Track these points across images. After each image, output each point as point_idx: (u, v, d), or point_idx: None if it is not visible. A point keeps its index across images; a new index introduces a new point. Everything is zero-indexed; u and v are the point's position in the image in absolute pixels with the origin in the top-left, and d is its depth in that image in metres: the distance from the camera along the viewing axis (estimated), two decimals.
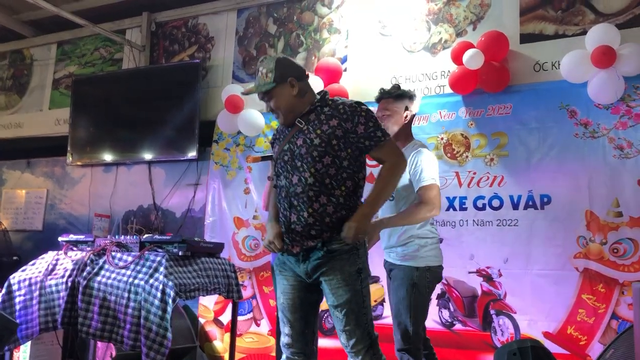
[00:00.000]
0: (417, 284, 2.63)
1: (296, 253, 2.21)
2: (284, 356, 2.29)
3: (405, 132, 2.87)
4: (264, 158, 3.10)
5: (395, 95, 2.85)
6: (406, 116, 2.84)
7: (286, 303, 2.26)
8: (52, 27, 5.88)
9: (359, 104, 2.25)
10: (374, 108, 2.59)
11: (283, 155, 2.27)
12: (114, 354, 3.76)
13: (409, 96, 2.87)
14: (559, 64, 3.61)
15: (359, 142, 2.20)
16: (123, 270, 3.14)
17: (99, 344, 3.79)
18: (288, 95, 2.24)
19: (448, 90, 3.93)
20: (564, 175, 3.54)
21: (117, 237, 3.38)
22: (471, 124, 3.85)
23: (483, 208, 3.72)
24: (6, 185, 5.97)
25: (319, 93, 2.35)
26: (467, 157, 3.82)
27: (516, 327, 3.51)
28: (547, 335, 3.42)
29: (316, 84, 4.14)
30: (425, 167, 2.68)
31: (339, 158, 2.18)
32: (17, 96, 6.11)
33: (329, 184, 2.16)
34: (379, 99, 2.88)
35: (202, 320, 4.55)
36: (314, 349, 2.29)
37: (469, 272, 3.69)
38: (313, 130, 2.21)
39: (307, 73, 2.38)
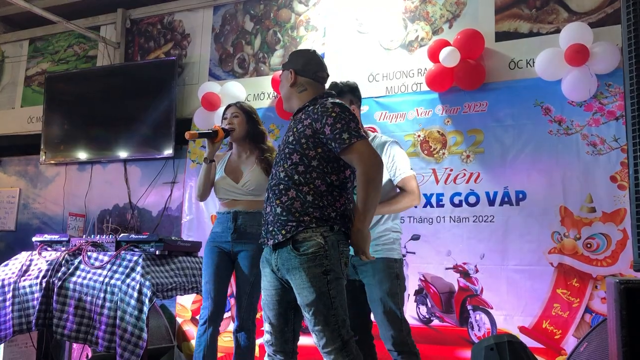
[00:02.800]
0: (399, 274, 2.64)
1: (269, 245, 2.22)
2: (266, 354, 2.28)
3: None
4: (201, 135, 2.99)
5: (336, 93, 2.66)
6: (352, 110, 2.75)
7: (265, 300, 2.27)
8: (24, 24, 5.78)
9: (335, 105, 2.21)
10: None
11: (277, 148, 2.38)
12: (89, 355, 3.72)
13: (349, 90, 2.78)
14: (533, 62, 3.65)
15: (328, 144, 2.18)
16: (99, 271, 3.10)
17: (75, 345, 3.74)
18: (285, 83, 2.39)
19: (425, 87, 3.96)
20: (539, 172, 3.59)
21: (92, 236, 3.34)
22: (447, 121, 3.88)
23: (459, 205, 3.75)
24: None
25: (322, 93, 2.36)
26: (443, 154, 3.86)
27: (493, 322, 3.55)
28: (522, 329, 3.47)
29: None
30: (402, 158, 2.70)
31: (307, 157, 2.18)
32: None
33: (297, 180, 2.17)
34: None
35: (179, 320, 4.52)
36: (295, 348, 2.27)
37: (446, 268, 3.72)
38: (293, 128, 2.28)
39: (318, 74, 2.39)
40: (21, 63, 5.87)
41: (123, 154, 4.97)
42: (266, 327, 2.26)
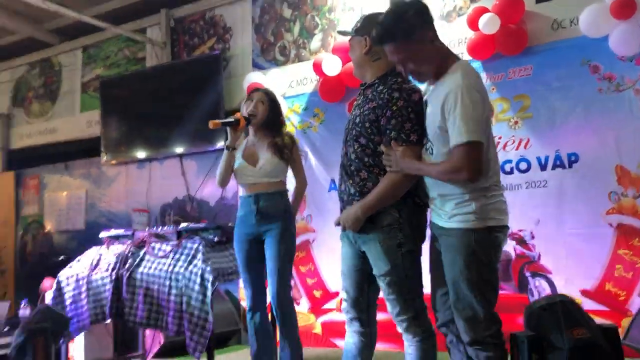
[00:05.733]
0: (476, 251, 2.01)
1: None
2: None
3: (440, 57, 2.06)
4: (225, 123, 2.98)
5: (404, 33, 2.00)
6: (432, 40, 2.04)
7: (343, 269, 2.33)
8: (76, 33, 6.06)
9: (401, 96, 2.09)
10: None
11: (347, 123, 2.31)
12: (162, 341, 3.91)
13: (423, 15, 2.04)
14: (577, 20, 3.55)
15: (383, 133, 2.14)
16: (163, 260, 3.26)
17: (147, 331, 3.95)
18: (359, 50, 2.25)
19: (467, 57, 3.90)
20: (590, 132, 3.50)
21: (154, 228, 3.51)
22: (493, 89, 3.82)
23: (511, 172, 3.71)
24: (48, 189, 6.21)
25: (393, 67, 2.15)
26: (491, 122, 3.81)
27: (553, 287, 3.51)
28: (585, 293, 3.42)
29: (334, 63, 4.17)
30: (466, 113, 1.91)
31: (373, 142, 2.16)
32: (49, 103, 6.34)
33: (367, 162, 2.18)
34: (382, 42, 2.09)
35: (244, 304, 4.67)
36: (371, 317, 2.32)
37: None
38: (361, 106, 2.23)
39: None
40: (76, 71, 6.17)
41: (178, 149, 5.16)
42: (343, 294, 2.33)
